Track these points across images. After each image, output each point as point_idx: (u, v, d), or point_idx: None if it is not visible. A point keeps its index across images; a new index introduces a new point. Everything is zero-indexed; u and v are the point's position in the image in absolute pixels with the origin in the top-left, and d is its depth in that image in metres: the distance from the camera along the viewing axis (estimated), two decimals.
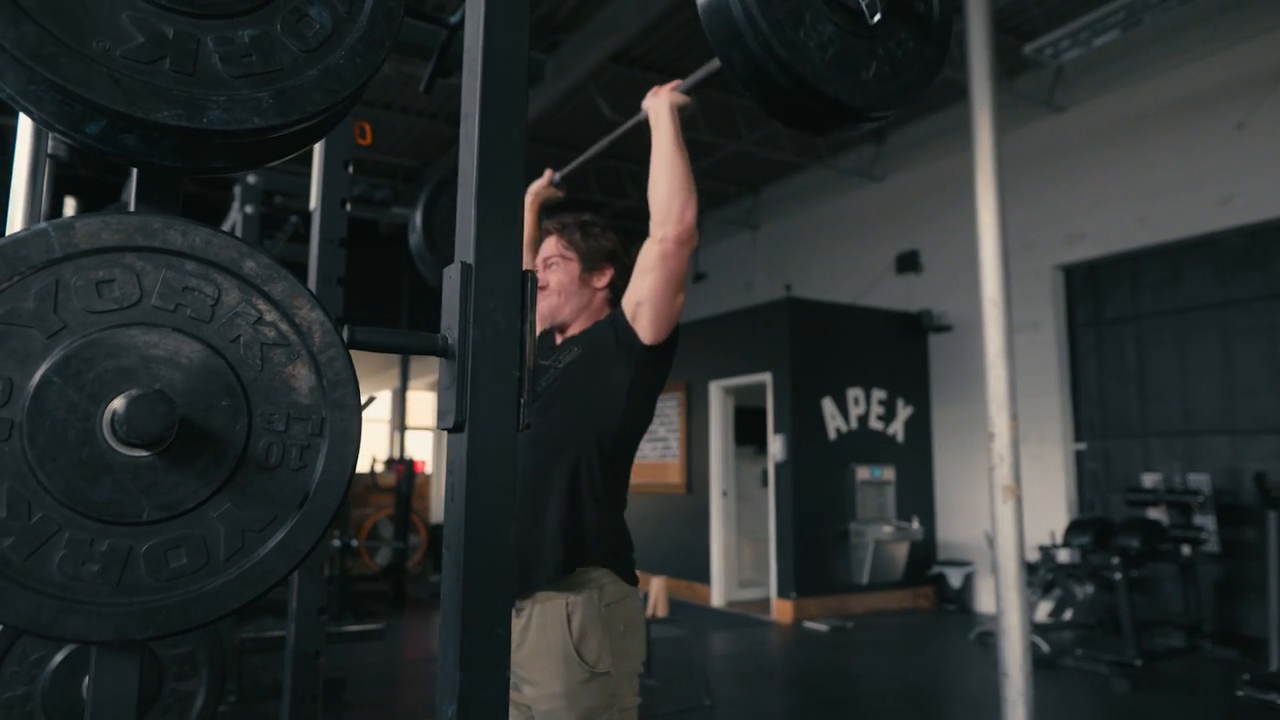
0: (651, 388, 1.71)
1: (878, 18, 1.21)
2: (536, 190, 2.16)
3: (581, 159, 1.99)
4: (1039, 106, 6.98)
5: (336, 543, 6.99)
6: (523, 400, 1.13)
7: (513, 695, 1.70)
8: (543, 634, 1.62)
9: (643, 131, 1.80)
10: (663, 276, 1.61)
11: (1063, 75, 6.89)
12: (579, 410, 1.67)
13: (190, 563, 0.84)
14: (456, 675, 1.05)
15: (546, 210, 2.20)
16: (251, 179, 3.44)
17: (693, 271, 11.25)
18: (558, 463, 1.66)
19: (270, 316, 0.89)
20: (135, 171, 0.93)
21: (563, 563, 1.61)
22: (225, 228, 3.87)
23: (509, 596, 1.08)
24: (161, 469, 0.82)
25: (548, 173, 2.17)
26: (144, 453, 0.81)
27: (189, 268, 0.86)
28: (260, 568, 0.87)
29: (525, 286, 1.15)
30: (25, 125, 1.35)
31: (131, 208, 0.94)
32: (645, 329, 1.64)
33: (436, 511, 11.36)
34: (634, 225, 9.49)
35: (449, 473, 1.14)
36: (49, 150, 1.92)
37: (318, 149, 2.19)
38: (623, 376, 1.66)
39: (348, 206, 2.20)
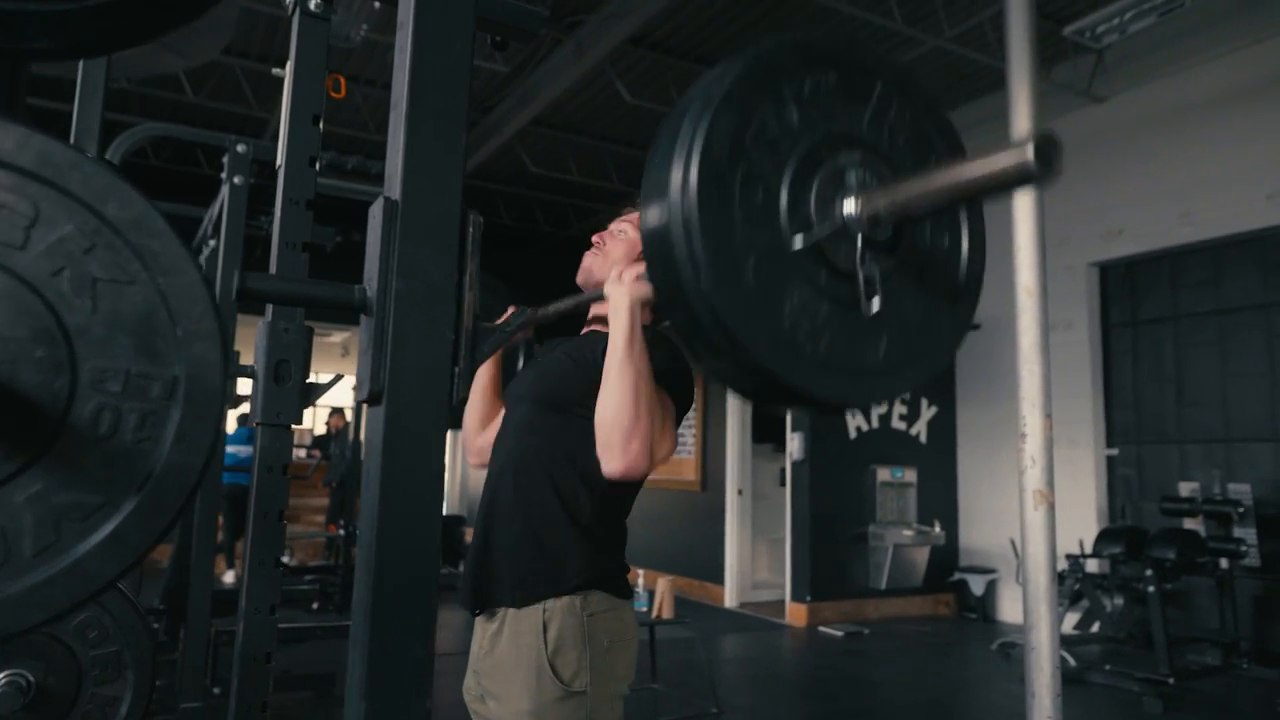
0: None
1: (875, 305, 0.83)
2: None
3: (549, 310, 1.64)
4: (1078, 96, 6.67)
5: (341, 532, 6.86)
6: (457, 368, 0.93)
7: (478, 707, 1.51)
8: (514, 642, 1.42)
9: (658, 120, 1.52)
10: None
11: (1102, 64, 6.58)
12: (578, 425, 1.46)
13: None
14: (362, 705, 0.85)
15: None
16: (240, 148, 3.25)
17: None
18: (547, 475, 1.47)
19: (106, 245, 0.69)
20: None
21: (529, 593, 1.43)
22: (216, 203, 3.69)
23: (430, 609, 0.88)
24: None
25: (511, 308, 1.85)
26: None
27: None
28: (81, 567, 0.67)
29: (465, 231, 0.95)
30: None
31: None
32: None
33: (448, 502, 11.25)
34: None
35: (366, 453, 0.94)
36: None
37: (286, 103, 1.99)
38: None
39: (317, 165, 2.00)
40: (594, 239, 1.68)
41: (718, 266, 0.76)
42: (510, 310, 1.80)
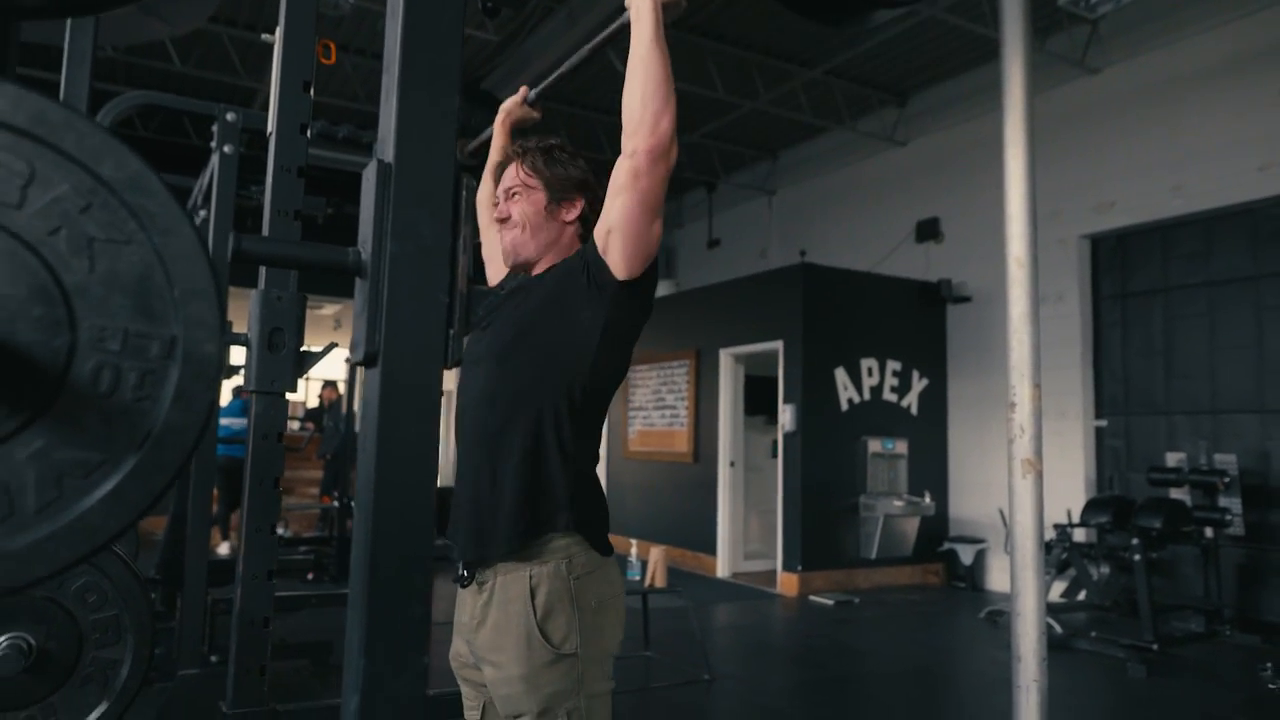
0: (627, 332, 1.50)
1: None
2: (509, 108, 1.92)
3: (558, 72, 1.76)
4: (1072, 68, 6.65)
5: (335, 504, 6.89)
6: (452, 331, 0.94)
7: (471, 674, 1.53)
8: (504, 610, 1.43)
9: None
10: (634, 198, 1.39)
11: (1097, 35, 6.56)
12: (545, 356, 1.47)
13: None
14: (361, 662, 0.87)
15: (519, 133, 1.97)
16: (230, 116, 3.23)
17: (706, 237, 11.00)
18: (520, 417, 1.46)
19: (103, 204, 0.69)
20: None
21: (526, 530, 1.42)
22: (206, 172, 3.67)
23: (426, 568, 0.90)
24: None
25: (522, 89, 1.93)
26: None
27: None
28: (82, 522, 0.68)
29: (459, 193, 0.96)
30: None
31: None
32: (617, 261, 1.43)
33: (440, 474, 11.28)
34: None
35: (362, 415, 0.95)
36: None
37: (276, 69, 1.98)
38: (595, 317, 1.45)
39: (309, 133, 1.99)
40: (497, 216, 1.63)
41: None
42: (522, 90, 1.84)
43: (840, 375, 7.33)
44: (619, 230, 1.41)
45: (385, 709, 0.86)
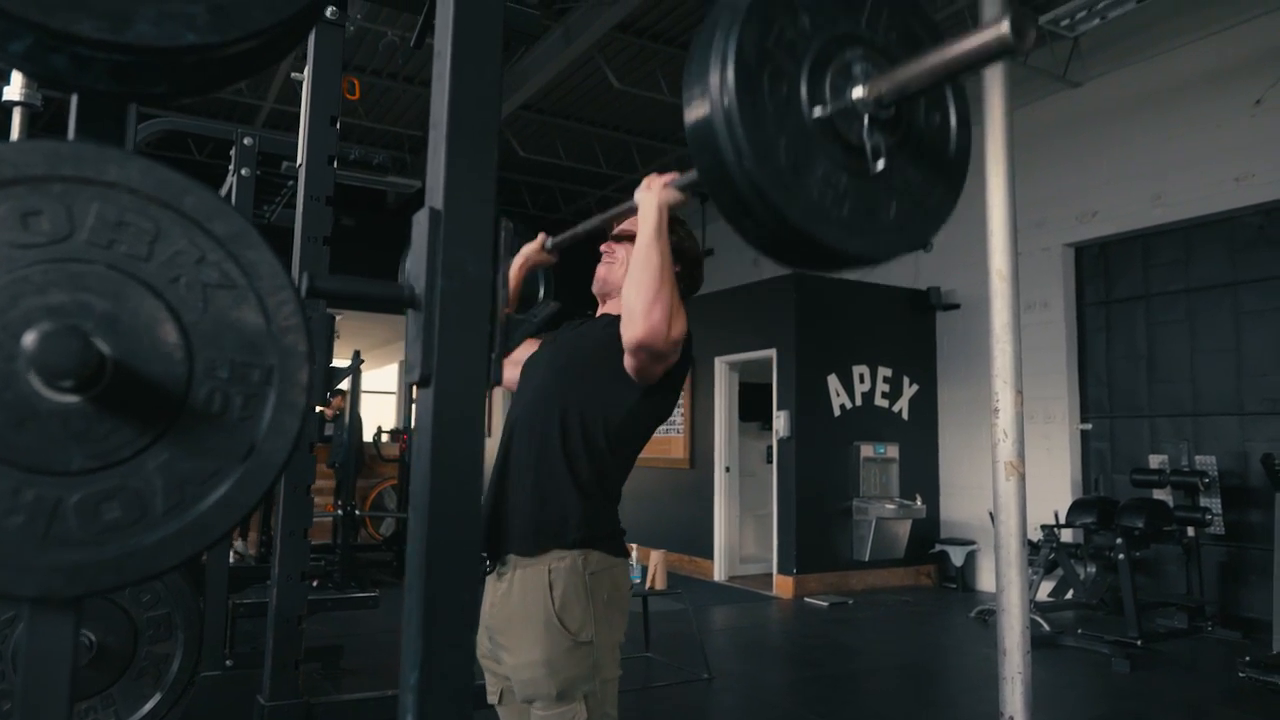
0: (661, 402, 1.68)
1: (880, 164, 0.99)
2: (528, 254, 2.01)
3: (575, 231, 1.82)
4: (1054, 81, 6.83)
5: (341, 512, 6.99)
6: (493, 355, 1.07)
7: (492, 666, 1.66)
8: (524, 600, 1.57)
9: (650, 106, 1.66)
10: (634, 367, 1.58)
11: (1078, 49, 6.74)
12: (589, 389, 1.64)
13: (125, 516, 0.79)
14: (419, 642, 1.00)
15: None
16: (248, 140, 3.36)
17: (700, 247, 11.15)
18: (556, 436, 1.62)
19: (213, 256, 0.83)
20: (74, 99, 0.87)
21: (536, 539, 1.59)
22: (221, 192, 3.79)
23: (475, 561, 1.03)
24: (93, 416, 0.77)
25: (541, 236, 2.02)
26: (73, 397, 0.76)
27: (125, 201, 0.80)
28: (200, 522, 0.82)
29: (498, 235, 1.09)
30: None
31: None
32: (636, 381, 1.62)
33: None
34: None
35: (416, 429, 1.09)
36: (22, 97, 1.87)
37: (305, 105, 2.12)
38: (630, 393, 1.63)
39: (335, 164, 2.13)
40: (603, 249, 1.84)
41: (757, 149, 0.91)
42: (540, 236, 1.99)
43: (833, 382, 7.48)
44: (629, 368, 1.59)
45: (440, 682, 0.99)
